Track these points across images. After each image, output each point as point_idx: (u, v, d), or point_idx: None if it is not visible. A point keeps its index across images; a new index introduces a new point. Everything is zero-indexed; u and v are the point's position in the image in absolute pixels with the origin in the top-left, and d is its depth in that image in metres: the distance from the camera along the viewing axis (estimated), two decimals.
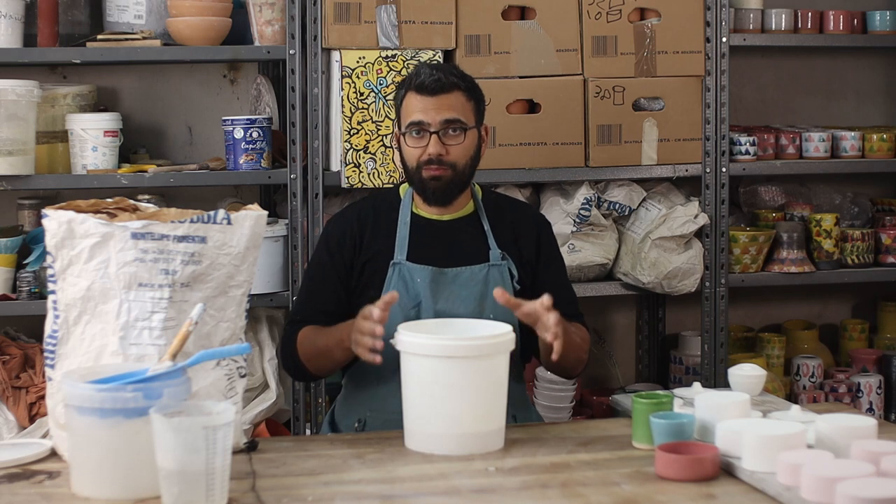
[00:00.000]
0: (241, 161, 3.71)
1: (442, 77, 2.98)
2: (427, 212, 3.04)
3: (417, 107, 2.97)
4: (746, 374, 2.86)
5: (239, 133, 3.70)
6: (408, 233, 3.01)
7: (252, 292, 2.58)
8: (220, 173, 3.74)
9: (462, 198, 3.06)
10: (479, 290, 2.97)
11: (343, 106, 3.72)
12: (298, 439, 2.79)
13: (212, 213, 2.46)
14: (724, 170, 4.03)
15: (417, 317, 2.92)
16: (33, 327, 3.66)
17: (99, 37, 3.72)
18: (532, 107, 3.91)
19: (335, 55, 3.73)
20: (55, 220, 2.42)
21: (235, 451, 2.40)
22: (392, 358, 2.64)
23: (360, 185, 3.75)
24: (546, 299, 2.69)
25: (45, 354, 2.46)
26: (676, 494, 2.26)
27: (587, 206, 3.92)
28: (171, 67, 4.14)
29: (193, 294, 2.44)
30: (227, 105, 4.17)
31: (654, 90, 3.97)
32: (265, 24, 3.75)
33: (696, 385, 2.80)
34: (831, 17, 4.23)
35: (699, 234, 4.02)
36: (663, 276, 3.93)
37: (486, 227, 3.05)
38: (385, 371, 2.84)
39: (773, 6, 4.23)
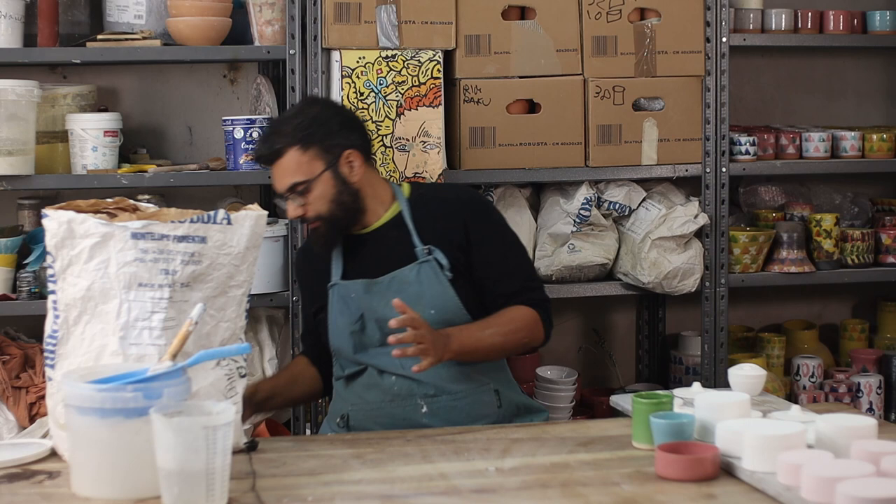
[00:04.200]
0: (241, 161, 3.71)
1: (269, 146, 3.02)
2: (353, 229, 3.10)
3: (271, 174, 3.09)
4: (746, 374, 2.86)
5: (239, 133, 3.70)
6: (341, 253, 3.08)
7: (252, 292, 2.58)
8: (220, 173, 3.74)
9: (377, 208, 3.08)
10: (414, 291, 3.00)
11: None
12: (298, 439, 2.80)
13: (212, 213, 2.46)
14: (724, 170, 4.03)
15: (362, 330, 3.01)
16: (33, 327, 3.66)
17: (99, 37, 3.72)
18: (532, 107, 3.91)
19: (335, 55, 3.73)
20: (55, 220, 2.42)
21: (235, 451, 2.40)
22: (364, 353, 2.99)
23: None
24: (399, 320, 2.74)
25: (45, 354, 2.46)
26: (676, 494, 2.26)
27: (587, 206, 3.92)
28: (171, 67, 4.14)
29: (193, 294, 2.44)
30: (227, 105, 4.17)
31: (654, 90, 3.97)
32: (265, 24, 3.75)
33: (696, 385, 2.80)
34: (831, 17, 4.23)
35: (699, 234, 4.02)
36: (663, 276, 3.93)
37: (410, 225, 3.06)
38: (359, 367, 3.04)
39: (773, 6, 4.23)
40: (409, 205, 3.10)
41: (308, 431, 3.73)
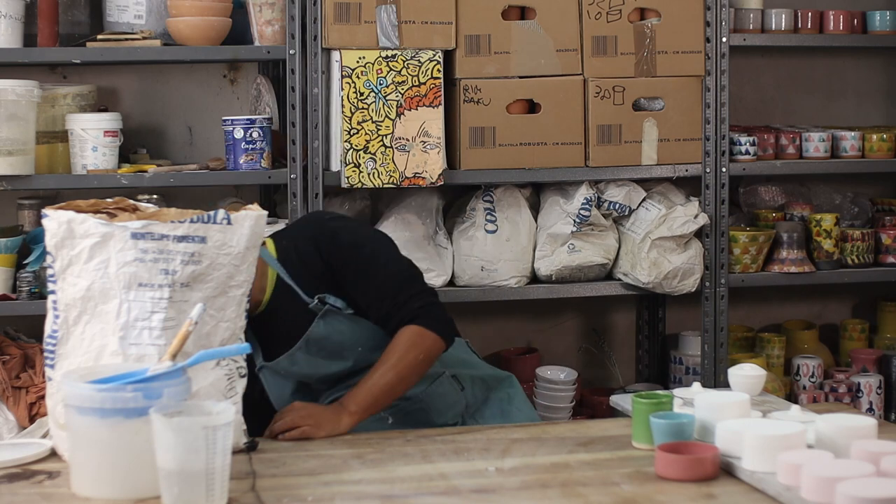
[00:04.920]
0: (241, 161, 3.70)
1: None
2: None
3: None
4: (746, 374, 2.86)
5: (239, 133, 3.70)
6: (253, 335, 2.90)
7: None
8: (220, 173, 3.74)
9: (262, 286, 2.88)
10: (334, 341, 2.90)
11: (343, 106, 3.72)
12: (298, 439, 2.79)
13: (212, 213, 2.46)
14: (724, 170, 4.03)
15: (305, 392, 2.94)
16: (33, 327, 3.66)
17: (99, 37, 3.72)
18: (532, 107, 3.91)
19: (335, 55, 3.73)
20: (55, 220, 2.42)
21: (235, 451, 2.40)
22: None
23: (359, 185, 3.74)
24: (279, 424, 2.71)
25: (45, 354, 2.46)
26: (676, 494, 2.26)
27: (587, 206, 3.92)
28: (171, 67, 4.14)
29: (193, 294, 2.44)
30: (227, 105, 4.17)
31: (654, 90, 3.97)
32: (265, 24, 3.75)
33: (696, 385, 2.80)
34: (831, 17, 4.23)
35: (699, 234, 4.02)
36: (663, 276, 3.93)
37: (292, 284, 2.89)
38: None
39: (773, 6, 4.23)
40: (280, 264, 2.92)
41: None
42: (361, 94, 3.73)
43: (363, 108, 3.73)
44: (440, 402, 3.01)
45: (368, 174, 3.74)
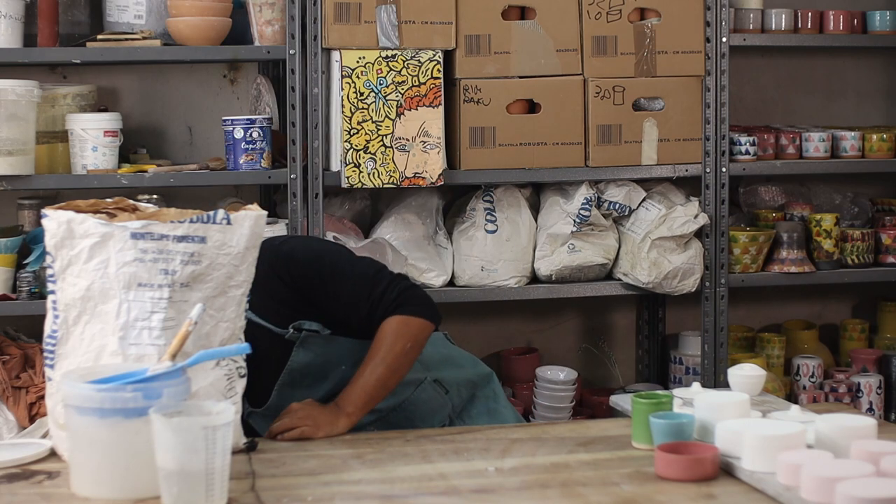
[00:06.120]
0: (241, 161, 3.71)
1: None
2: None
3: None
4: (746, 374, 2.86)
5: (239, 133, 3.70)
6: None
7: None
8: (220, 173, 3.74)
9: None
10: (319, 364, 2.85)
11: (343, 106, 3.72)
12: (298, 439, 2.79)
13: (211, 213, 2.45)
14: (724, 170, 4.03)
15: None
16: (33, 327, 3.66)
17: (99, 37, 3.72)
18: (532, 107, 3.91)
19: (335, 55, 3.73)
20: (55, 220, 2.42)
21: (235, 451, 2.40)
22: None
23: (359, 185, 3.75)
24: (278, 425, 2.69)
25: (45, 354, 2.46)
26: (676, 494, 2.26)
27: (587, 206, 3.92)
28: (171, 67, 4.14)
29: (193, 294, 2.44)
30: (227, 105, 4.17)
31: (654, 90, 3.97)
32: (265, 24, 3.75)
33: (696, 385, 2.80)
34: (831, 17, 4.23)
35: (699, 234, 4.03)
36: (663, 276, 3.94)
37: (260, 321, 2.78)
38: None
39: (773, 6, 4.23)
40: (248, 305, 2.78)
41: None
42: (361, 94, 3.73)
43: (363, 108, 3.73)
44: (424, 409, 2.98)
45: (368, 174, 3.74)
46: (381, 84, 3.74)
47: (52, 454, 2.50)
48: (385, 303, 2.81)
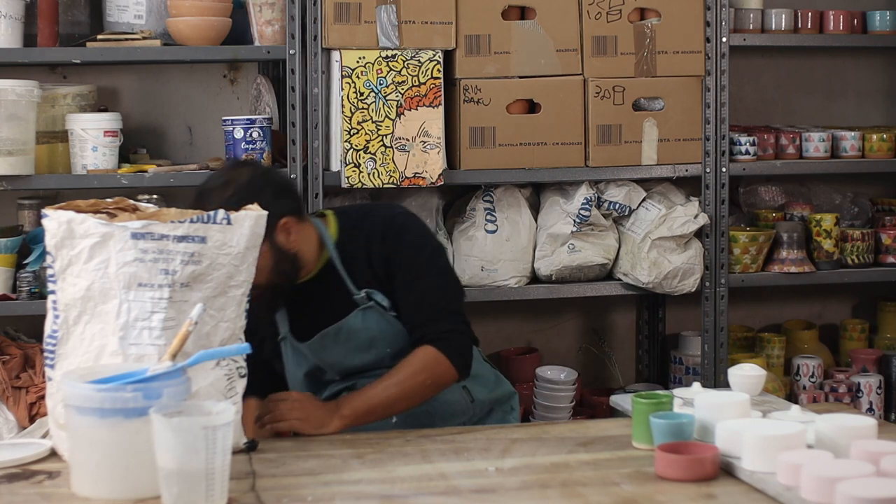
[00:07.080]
0: None
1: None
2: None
3: None
4: (746, 374, 2.86)
5: (239, 133, 3.70)
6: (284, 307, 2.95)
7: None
8: None
9: (312, 261, 2.90)
10: (365, 337, 2.93)
11: (343, 106, 3.72)
12: (298, 439, 2.79)
13: (211, 213, 2.45)
14: (724, 170, 4.03)
15: (319, 374, 2.98)
16: (33, 327, 3.67)
17: (99, 37, 3.72)
18: (532, 107, 3.91)
19: (335, 55, 3.73)
20: (55, 220, 2.42)
21: (235, 451, 2.39)
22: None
23: (359, 185, 3.75)
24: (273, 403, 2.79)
25: (45, 354, 2.46)
26: (676, 494, 2.26)
27: (587, 206, 3.92)
28: (171, 67, 4.14)
29: (193, 294, 2.44)
30: (227, 105, 4.17)
31: (654, 90, 3.97)
32: (265, 24, 3.75)
33: (696, 385, 2.80)
34: (831, 17, 4.23)
35: (699, 234, 4.03)
36: (663, 276, 3.94)
37: (342, 272, 2.91)
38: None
39: (773, 6, 4.24)
40: (337, 249, 2.92)
41: None
42: (361, 94, 3.73)
43: (363, 108, 3.73)
44: (447, 410, 3.01)
45: (368, 174, 3.75)
46: (381, 84, 3.74)
47: (53, 454, 2.50)
48: (435, 327, 2.87)
